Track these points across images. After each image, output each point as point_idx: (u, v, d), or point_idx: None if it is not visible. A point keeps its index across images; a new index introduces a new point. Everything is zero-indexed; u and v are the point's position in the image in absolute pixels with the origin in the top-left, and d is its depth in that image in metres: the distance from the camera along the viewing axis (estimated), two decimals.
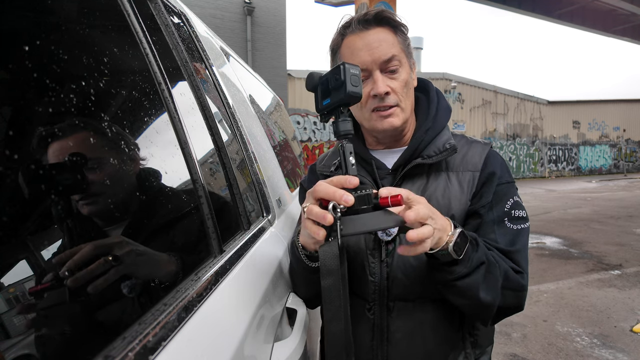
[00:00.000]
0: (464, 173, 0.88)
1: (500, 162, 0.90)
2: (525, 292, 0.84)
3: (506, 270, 0.80)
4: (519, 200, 0.89)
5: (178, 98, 0.70)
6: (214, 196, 0.75)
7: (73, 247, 0.38)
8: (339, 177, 0.65)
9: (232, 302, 0.63)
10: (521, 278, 0.83)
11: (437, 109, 0.92)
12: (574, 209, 8.84)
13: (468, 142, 0.93)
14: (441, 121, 0.91)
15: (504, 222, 0.85)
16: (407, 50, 0.88)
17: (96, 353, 0.35)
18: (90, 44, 0.50)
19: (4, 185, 0.32)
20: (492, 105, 18.05)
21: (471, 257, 0.74)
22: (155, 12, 0.77)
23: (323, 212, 0.63)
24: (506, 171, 0.90)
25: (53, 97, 0.39)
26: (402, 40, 0.87)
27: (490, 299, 0.77)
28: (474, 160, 0.89)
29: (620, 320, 3.13)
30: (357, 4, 9.29)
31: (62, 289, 0.35)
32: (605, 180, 17.56)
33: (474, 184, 0.87)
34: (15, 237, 0.33)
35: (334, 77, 0.67)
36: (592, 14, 14.83)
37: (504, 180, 0.88)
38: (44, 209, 0.36)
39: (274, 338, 0.74)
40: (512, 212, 0.86)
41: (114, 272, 0.42)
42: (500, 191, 0.87)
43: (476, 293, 0.75)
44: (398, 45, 0.85)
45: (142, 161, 0.53)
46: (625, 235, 6.13)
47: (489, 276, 0.76)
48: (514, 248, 0.84)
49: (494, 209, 0.85)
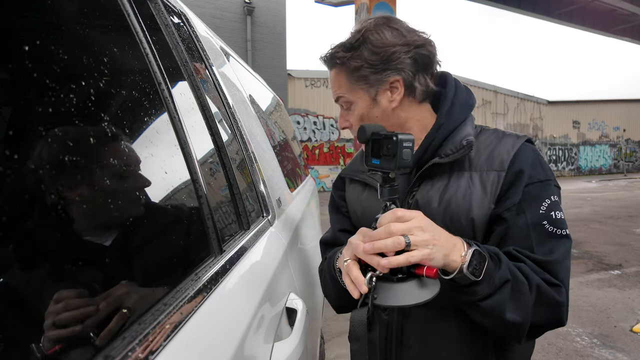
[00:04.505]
0: (489, 173, 0.79)
1: (533, 159, 0.80)
2: (563, 307, 0.75)
3: (538, 285, 0.72)
4: (558, 202, 0.79)
5: (178, 98, 0.70)
6: (214, 196, 0.75)
7: (74, 249, 0.38)
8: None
9: (232, 302, 0.63)
10: (557, 293, 0.73)
11: (453, 103, 0.85)
12: (574, 209, 8.83)
13: (498, 137, 0.84)
14: (456, 116, 0.83)
15: (543, 225, 0.76)
16: (367, 81, 0.81)
17: (96, 353, 0.35)
18: (90, 44, 0.50)
19: (4, 185, 0.32)
20: (492, 105, 18.04)
21: (493, 275, 0.69)
22: (155, 12, 0.77)
23: (360, 280, 0.66)
24: (539, 169, 0.79)
25: (53, 97, 0.39)
26: (356, 75, 0.82)
27: (519, 319, 0.71)
28: (501, 157, 0.80)
29: (620, 320, 3.13)
30: (357, 4, 9.28)
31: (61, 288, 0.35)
32: (605, 180, 17.56)
33: (499, 185, 0.78)
34: (15, 238, 0.33)
35: (387, 144, 0.67)
36: (592, 14, 14.83)
37: (537, 179, 0.78)
38: (49, 211, 0.36)
39: (274, 338, 0.74)
40: (552, 214, 0.76)
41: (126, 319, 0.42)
42: (533, 191, 0.77)
43: (502, 313, 0.70)
44: (346, 84, 0.84)
45: (142, 162, 0.53)
46: (625, 235, 6.13)
47: (517, 294, 0.70)
48: (551, 258, 0.74)
49: (527, 211, 0.76)
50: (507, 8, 13.85)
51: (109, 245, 0.43)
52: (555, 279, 0.74)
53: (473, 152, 0.82)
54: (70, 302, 0.34)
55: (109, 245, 0.43)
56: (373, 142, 0.70)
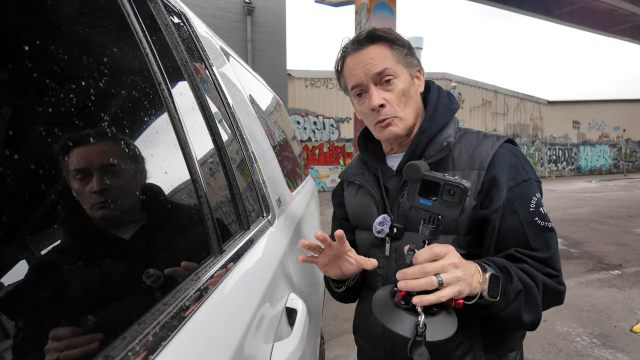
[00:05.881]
0: (470, 172, 0.85)
1: (511, 161, 0.85)
2: (564, 292, 0.84)
3: (544, 282, 0.80)
4: (541, 197, 0.84)
5: (178, 98, 0.70)
6: (214, 196, 0.75)
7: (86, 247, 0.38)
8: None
9: (232, 302, 0.63)
10: (558, 282, 0.82)
11: (435, 109, 0.92)
12: (574, 209, 8.83)
13: (480, 139, 0.89)
14: (438, 121, 0.91)
15: (536, 221, 0.82)
16: (406, 60, 0.90)
17: (96, 353, 0.35)
18: (91, 44, 0.50)
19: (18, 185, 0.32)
20: (492, 105, 18.04)
21: (507, 290, 0.75)
22: (155, 12, 0.77)
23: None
24: (520, 168, 0.85)
25: (53, 97, 0.39)
26: (398, 52, 0.89)
27: (534, 318, 0.79)
28: (481, 157, 0.85)
29: (620, 320, 3.13)
30: (357, 4, 9.28)
31: (60, 288, 0.35)
32: (605, 180, 17.56)
33: (479, 182, 0.84)
34: (15, 237, 0.33)
35: (449, 190, 0.67)
36: (592, 14, 14.83)
37: (521, 179, 0.83)
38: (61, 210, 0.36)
39: (274, 338, 0.74)
40: (540, 209, 0.83)
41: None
42: (520, 191, 0.82)
43: (519, 318, 0.77)
44: (392, 58, 0.88)
45: (145, 162, 0.54)
46: (625, 235, 6.13)
47: (529, 298, 0.77)
48: (550, 253, 0.82)
49: (519, 211, 0.81)
50: (507, 8, 13.85)
51: (129, 239, 0.49)
52: (554, 271, 0.82)
53: (456, 153, 0.88)
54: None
55: (129, 239, 0.49)
56: (427, 182, 0.70)
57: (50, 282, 0.35)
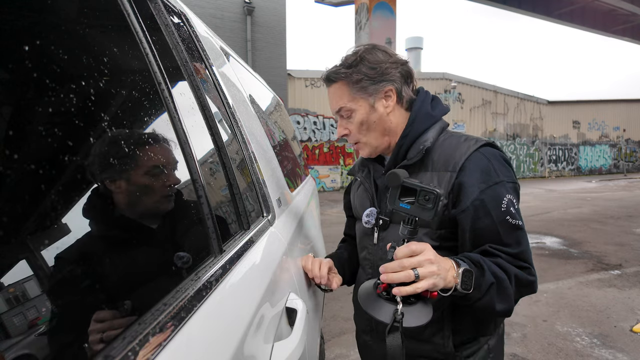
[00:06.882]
0: (444, 173, 0.93)
1: (483, 165, 0.90)
2: (535, 282, 0.91)
3: (516, 274, 0.87)
4: (512, 198, 0.90)
5: (178, 98, 0.70)
6: (214, 196, 0.75)
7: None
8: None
9: (232, 302, 0.63)
10: (529, 274, 0.89)
11: (416, 115, 0.99)
12: (574, 209, 8.84)
13: (459, 142, 0.95)
14: (417, 127, 0.98)
15: (507, 220, 0.88)
16: (365, 91, 0.96)
17: (96, 353, 0.35)
18: (90, 44, 0.50)
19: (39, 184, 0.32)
20: (492, 105, 18.04)
21: (480, 283, 0.82)
22: (155, 12, 0.77)
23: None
24: (492, 172, 0.90)
25: (53, 97, 0.39)
26: (356, 87, 0.96)
27: (506, 307, 0.86)
28: (454, 160, 0.92)
29: (620, 320, 3.13)
30: (357, 4, 9.29)
31: (61, 287, 0.36)
32: (605, 180, 17.56)
33: (450, 183, 0.91)
34: (15, 236, 0.33)
35: (425, 196, 0.77)
36: (592, 14, 14.84)
37: (493, 182, 0.89)
38: None
39: (274, 338, 0.74)
40: (511, 209, 0.89)
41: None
42: (492, 193, 0.88)
43: (492, 308, 0.85)
44: (348, 95, 0.98)
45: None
46: (625, 235, 6.13)
47: (502, 290, 0.85)
48: (521, 249, 0.89)
49: (492, 212, 0.88)
50: (507, 8, 13.86)
51: (156, 228, 0.57)
52: (525, 264, 0.90)
53: (436, 156, 0.96)
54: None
55: (156, 228, 0.57)
56: (406, 188, 0.79)
57: (98, 270, 0.41)
